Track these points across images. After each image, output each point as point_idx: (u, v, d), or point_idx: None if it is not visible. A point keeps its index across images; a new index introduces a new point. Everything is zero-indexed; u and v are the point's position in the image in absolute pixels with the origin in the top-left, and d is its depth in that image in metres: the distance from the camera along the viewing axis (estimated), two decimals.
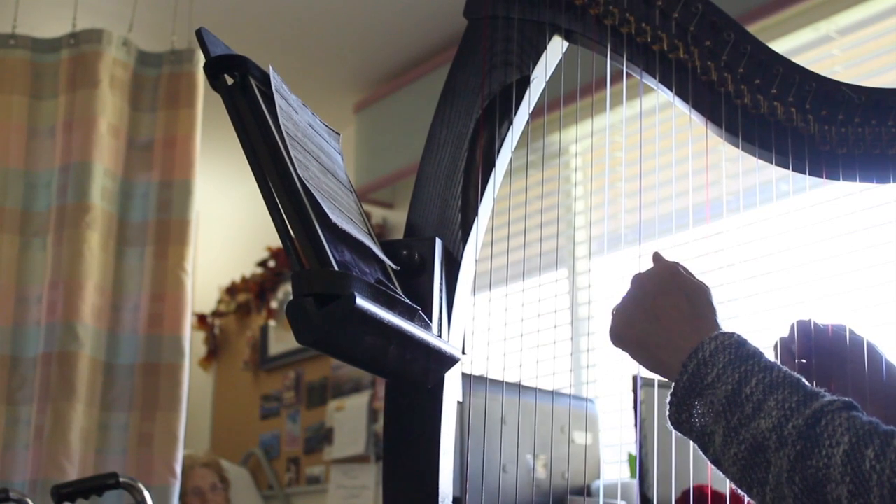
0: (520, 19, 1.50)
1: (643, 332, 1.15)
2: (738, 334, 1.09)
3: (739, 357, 1.05)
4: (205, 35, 1.16)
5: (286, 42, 4.44)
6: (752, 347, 1.07)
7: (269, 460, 5.16)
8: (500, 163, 1.48)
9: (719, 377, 1.03)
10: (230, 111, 1.16)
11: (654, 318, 1.14)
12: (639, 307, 1.17)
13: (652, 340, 1.14)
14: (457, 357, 1.33)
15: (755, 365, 1.04)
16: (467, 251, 1.43)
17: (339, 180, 1.30)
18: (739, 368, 1.03)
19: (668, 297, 1.15)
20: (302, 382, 5.10)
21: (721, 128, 1.42)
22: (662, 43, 1.44)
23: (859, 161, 1.37)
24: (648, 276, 1.19)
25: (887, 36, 3.12)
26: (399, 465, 1.36)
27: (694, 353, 1.07)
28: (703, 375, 1.05)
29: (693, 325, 1.11)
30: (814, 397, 0.99)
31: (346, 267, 1.14)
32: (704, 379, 1.04)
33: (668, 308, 1.14)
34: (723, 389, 1.02)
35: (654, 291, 1.16)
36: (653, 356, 1.14)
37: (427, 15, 4.19)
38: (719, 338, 1.08)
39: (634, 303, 1.17)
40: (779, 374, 1.02)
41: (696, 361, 1.06)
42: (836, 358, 1.34)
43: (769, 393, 1.00)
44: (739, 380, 1.02)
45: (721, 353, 1.05)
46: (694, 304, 1.15)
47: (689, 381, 1.05)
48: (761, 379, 1.02)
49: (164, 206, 3.12)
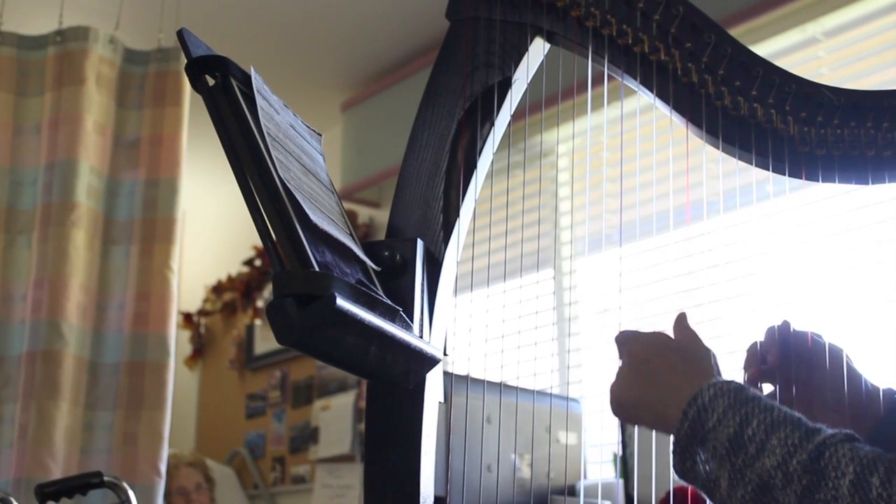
0: (501, 21, 1.51)
1: (641, 393, 1.16)
2: (735, 381, 1.10)
3: (739, 400, 1.05)
4: (186, 35, 1.16)
5: (274, 40, 4.43)
6: (751, 391, 1.07)
7: (254, 460, 5.15)
8: (482, 164, 1.48)
9: (720, 421, 1.04)
10: (211, 112, 1.16)
11: (651, 379, 1.15)
12: (633, 372, 1.18)
13: (651, 399, 1.14)
14: (438, 358, 1.34)
15: (755, 407, 1.04)
16: (449, 252, 1.43)
17: (321, 181, 1.30)
18: (740, 411, 1.04)
19: (662, 358, 1.17)
20: (287, 382, 5.09)
21: (702, 129, 1.42)
22: (643, 45, 1.44)
23: (838, 162, 1.38)
24: (638, 342, 1.20)
25: (874, 38, 3.13)
26: (380, 465, 1.36)
27: (693, 400, 1.07)
28: (703, 421, 1.05)
29: (689, 378, 1.12)
30: (816, 432, 1.00)
31: (326, 268, 1.14)
32: (706, 424, 1.05)
33: (662, 367, 1.16)
34: (725, 433, 1.03)
35: (647, 355, 1.18)
36: (654, 413, 1.14)
37: (415, 14, 4.20)
38: (717, 384, 1.08)
39: (629, 369, 1.18)
40: (779, 414, 1.03)
41: (696, 408, 1.06)
42: (808, 365, 1.35)
43: (771, 432, 1.01)
44: (741, 422, 1.03)
45: (720, 398, 1.06)
46: (688, 360, 1.16)
47: (691, 427, 1.06)
48: (762, 419, 1.02)
49: (150, 204, 3.11)
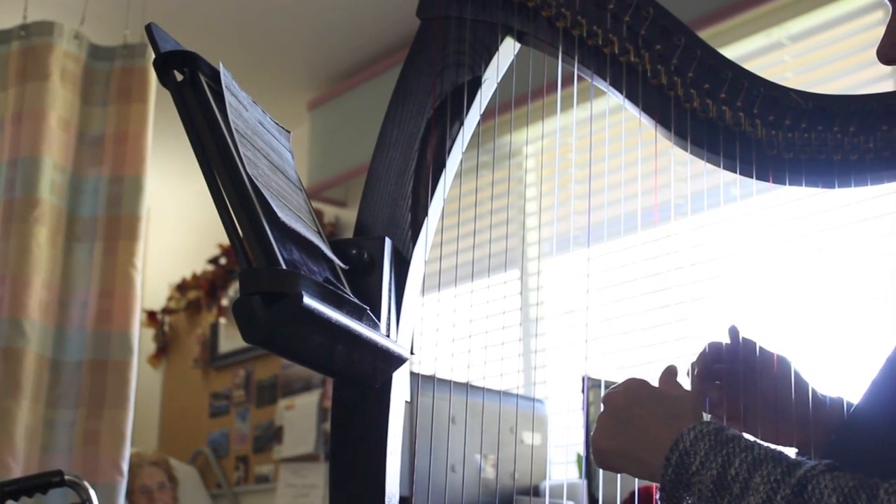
0: (472, 20, 1.50)
1: (623, 441, 1.16)
2: (715, 422, 1.10)
3: (720, 441, 1.06)
4: (154, 30, 1.15)
5: (241, 38, 4.42)
6: (731, 431, 1.08)
7: (217, 459, 5.13)
8: (451, 163, 1.48)
9: (703, 464, 1.04)
10: (179, 108, 1.15)
11: (632, 426, 1.16)
12: (614, 420, 1.18)
13: (633, 446, 1.15)
14: (405, 357, 1.33)
15: (736, 447, 1.05)
16: (417, 251, 1.43)
17: (289, 179, 1.29)
18: (721, 452, 1.04)
19: (641, 405, 1.17)
20: (252, 381, 5.07)
21: (670, 131, 1.43)
22: (613, 46, 1.45)
23: (805, 166, 1.39)
24: (618, 391, 1.21)
25: (838, 43, 3.16)
26: (346, 465, 1.36)
27: (675, 445, 1.08)
28: (687, 465, 1.06)
29: (669, 424, 1.13)
30: (797, 466, 1.00)
31: (294, 265, 1.13)
32: (689, 468, 1.05)
33: (643, 415, 1.16)
34: (708, 475, 1.03)
35: (627, 404, 1.18)
36: (636, 461, 1.14)
37: (383, 13, 4.19)
38: (697, 427, 1.09)
39: (609, 418, 1.19)
40: (760, 451, 1.04)
41: (679, 453, 1.07)
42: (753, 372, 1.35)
43: (754, 470, 1.01)
44: (723, 463, 1.03)
45: (701, 440, 1.06)
46: (667, 407, 1.16)
47: (675, 472, 1.06)
48: (744, 458, 1.03)
49: (115, 201, 3.09)
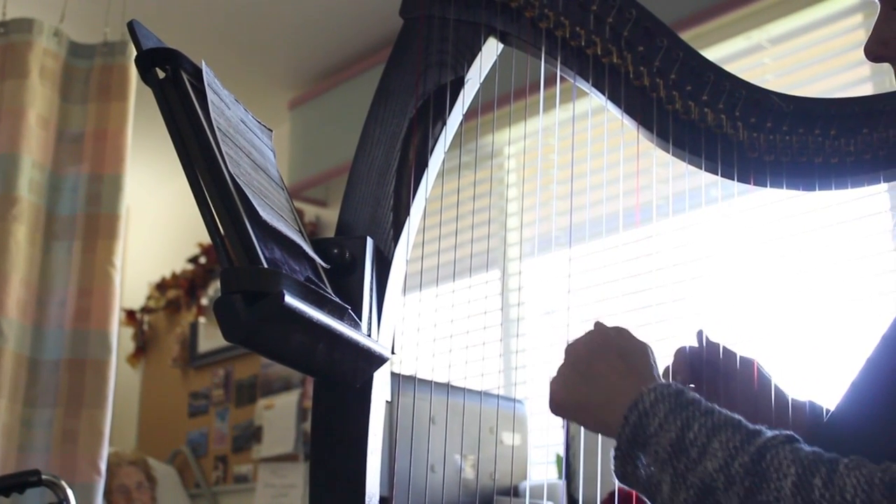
0: (455, 20, 1.50)
1: (582, 395, 1.15)
2: (675, 384, 1.10)
3: (680, 404, 1.05)
4: (137, 27, 1.14)
5: (221, 37, 4.40)
6: (692, 394, 1.07)
7: (196, 458, 5.11)
8: (433, 163, 1.48)
9: (661, 426, 1.04)
10: (161, 105, 1.15)
11: (591, 381, 1.15)
12: (574, 372, 1.17)
13: (592, 401, 1.14)
14: (386, 357, 1.33)
15: (696, 410, 1.04)
16: (398, 251, 1.43)
17: (271, 177, 1.29)
18: (681, 415, 1.04)
19: (603, 359, 1.16)
20: (231, 380, 5.06)
21: (652, 133, 1.43)
22: (596, 47, 1.45)
23: (786, 169, 1.39)
24: (580, 342, 1.20)
25: (817, 46, 3.18)
26: (326, 464, 1.36)
27: (634, 405, 1.07)
28: (645, 426, 1.05)
29: (630, 381, 1.12)
30: (757, 434, 1.00)
31: (275, 264, 1.13)
32: (647, 429, 1.05)
33: (603, 369, 1.15)
34: (666, 437, 1.03)
35: (588, 356, 1.17)
36: (594, 417, 1.14)
37: (364, 13, 4.19)
38: (658, 388, 1.08)
39: (570, 369, 1.18)
40: (720, 417, 1.03)
41: (638, 413, 1.06)
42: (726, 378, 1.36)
43: (713, 435, 1.01)
44: (682, 426, 1.03)
45: (661, 402, 1.06)
46: (628, 362, 1.15)
47: (632, 432, 1.06)
48: (703, 423, 1.02)
49: (94, 199, 3.08)
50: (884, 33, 1.15)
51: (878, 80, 2.99)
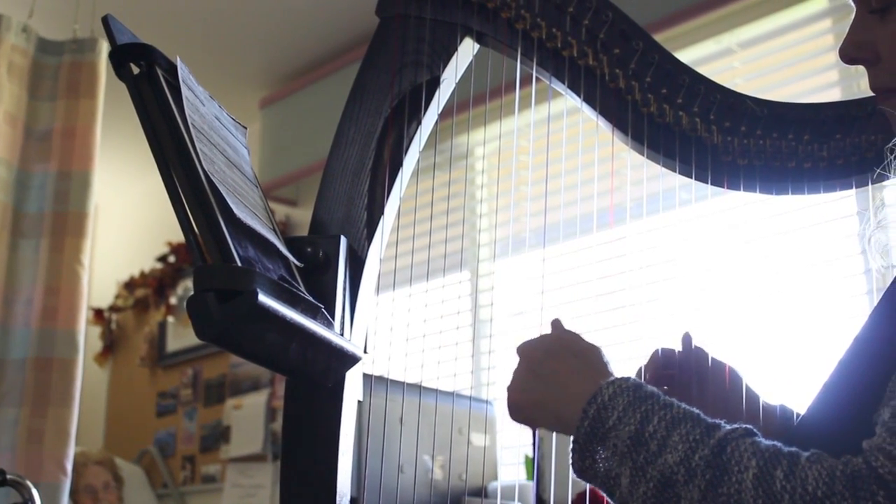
0: (432, 20, 1.50)
1: (539, 394, 1.15)
2: (633, 378, 1.10)
3: (638, 398, 1.05)
4: (111, 22, 1.14)
5: (192, 34, 4.38)
6: (650, 388, 1.07)
7: (164, 458, 5.08)
8: (408, 162, 1.48)
9: (620, 419, 1.04)
10: (135, 101, 1.14)
11: (547, 380, 1.15)
12: (530, 373, 1.17)
13: (549, 399, 1.14)
14: (358, 356, 1.33)
15: (655, 404, 1.04)
16: (372, 250, 1.43)
17: (245, 175, 1.28)
18: (640, 408, 1.04)
19: (557, 359, 1.16)
20: (200, 380, 5.03)
21: (627, 135, 1.44)
22: (572, 49, 1.45)
23: (760, 173, 1.40)
24: (534, 344, 1.20)
25: (787, 50, 3.20)
26: (297, 463, 1.35)
27: (593, 398, 1.07)
28: (604, 419, 1.05)
29: (587, 377, 1.12)
30: (716, 427, 1.00)
31: (249, 263, 1.12)
32: (606, 423, 1.04)
33: (558, 368, 1.15)
34: (626, 430, 1.03)
35: (542, 356, 1.17)
36: (552, 414, 1.14)
37: (335, 13, 4.18)
38: (616, 382, 1.08)
39: (525, 370, 1.18)
40: (679, 410, 1.03)
41: (596, 406, 1.06)
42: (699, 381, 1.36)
43: (672, 428, 1.01)
44: (641, 419, 1.03)
45: (620, 396, 1.06)
46: (584, 360, 1.16)
47: (591, 426, 1.05)
48: (663, 416, 1.02)
49: (62, 197, 3.05)
50: (858, 36, 1.16)
51: (846, 85, 3.01)
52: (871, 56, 1.15)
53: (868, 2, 1.14)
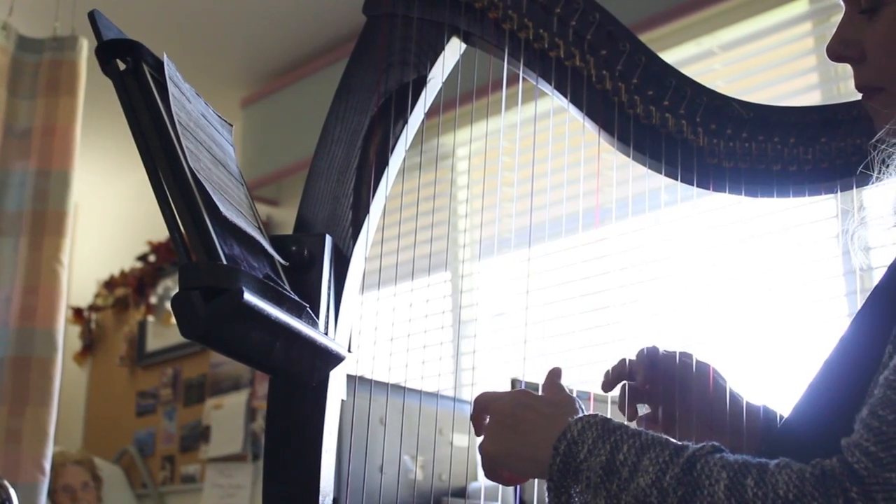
0: (419, 19, 1.50)
1: (511, 442, 1.17)
2: (600, 414, 1.11)
3: (607, 430, 1.07)
4: (98, 18, 1.13)
5: (173, 33, 4.36)
6: (617, 422, 1.09)
7: (143, 458, 5.06)
8: (394, 162, 1.47)
9: (591, 451, 1.05)
10: (121, 97, 1.13)
11: (518, 428, 1.16)
12: (499, 426, 1.18)
13: (521, 446, 1.15)
14: (342, 355, 1.33)
15: (623, 433, 1.06)
16: (357, 249, 1.42)
17: (231, 172, 1.28)
18: (609, 439, 1.05)
19: (528, 408, 1.18)
20: (179, 379, 5.01)
21: (613, 136, 1.44)
22: (559, 50, 1.45)
23: (745, 175, 1.40)
24: (501, 401, 1.21)
25: (767, 53, 3.21)
26: (280, 462, 1.35)
27: (562, 435, 1.09)
28: (575, 453, 1.06)
29: (556, 420, 1.13)
30: (684, 448, 1.02)
31: (234, 261, 1.12)
32: (577, 456, 1.06)
33: (530, 416, 1.17)
34: (597, 461, 1.04)
35: (510, 409, 1.18)
36: (526, 458, 1.15)
37: (317, 12, 4.17)
38: (584, 418, 1.10)
39: (495, 425, 1.19)
40: (647, 437, 1.05)
41: (567, 442, 1.08)
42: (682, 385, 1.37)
43: (642, 454, 1.02)
44: (611, 449, 1.04)
45: (589, 430, 1.08)
46: (553, 406, 1.18)
47: (563, 462, 1.07)
48: (632, 444, 1.04)
49: (41, 196, 3.03)
50: (846, 35, 1.17)
51: (827, 88, 3.03)
52: (858, 54, 1.17)
53: (858, 1, 1.15)
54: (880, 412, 0.92)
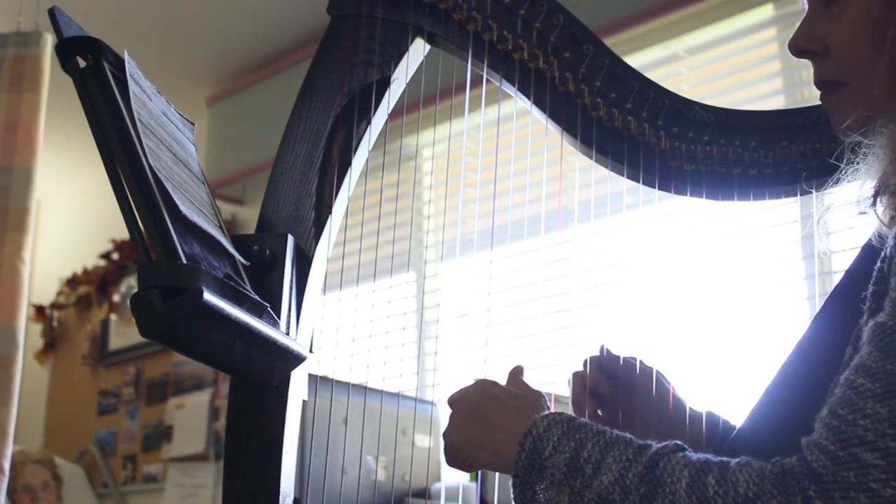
0: (383, 19, 1.50)
1: (476, 433, 1.17)
2: (566, 413, 1.12)
3: (572, 428, 1.07)
4: (58, 14, 1.12)
5: (138, 29, 4.34)
6: (583, 420, 1.10)
7: (104, 458, 5.03)
8: (357, 162, 1.47)
9: (556, 449, 1.06)
10: (81, 95, 1.12)
11: (484, 419, 1.17)
12: (466, 416, 1.19)
13: (486, 438, 1.16)
14: (304, 356, 1.32)
15: (588, 431, 1.07)
16: (319, 249, 1.42)
17: (192, 171, 1.27)
18: (574, 437, 1.06)
19: (493, 400, 1.19)
20: (142, 378, 4.98)
21: (576, 139, 1.44)
22: (523, 51, 1.46)
23: (706, 178, 1.41)
24: (468, 391, 1.22)
25: (733, 58, 3.23)
26: (240, 463, 1.34)
27: (528, 431, 1.09)
28: (540, 451, 1.07)
29: (522, 414, 1.14)
30: (647, 447, 1.03)
31: (194, 260, 1.11)
32: (542, 453, 1.07)
33: (494, 408, 1.18)
34: (561, 458, 1.05)
35: (478, 399, 1.19)
36: (491, 451, 1.16)
37: (283, 10, 4.16)
38: (550, 415, 1.11)
39: (461, 414, 1.20)
40: (611, 435, 1.06)
41: (532, 438, 1.08)
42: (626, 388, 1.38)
43: (606, 452, 1.03)
44: (576, 447, 1.05)
45: (554, 427, 1.08)
46: (519, 400, 1.19)
47: (528, 458, 1.08)
48: (596, 442, 1.04)
49: (3, 192, 3.01)
50: (810, 30, 1.18)
51: (790, 93, 3.05)
52: (821, 49, 1.17)
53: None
54: (840, 411, 0.93)
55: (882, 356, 0.93)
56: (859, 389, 0.93)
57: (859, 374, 0.94)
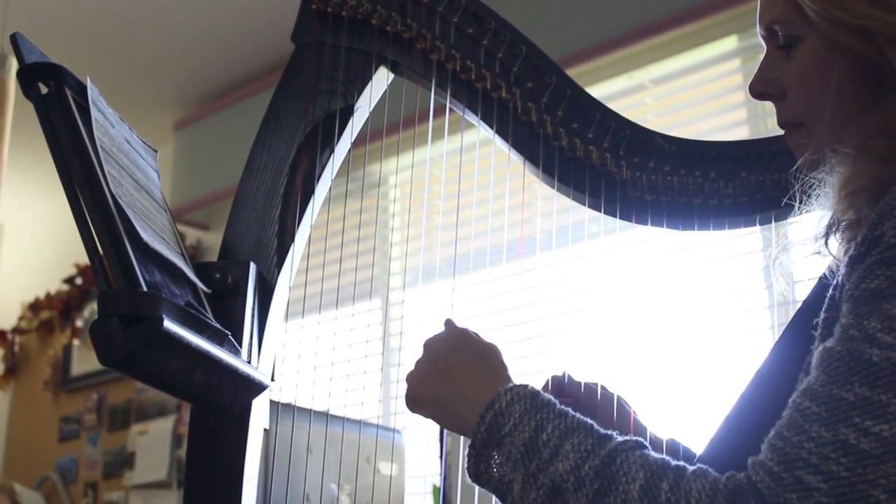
0: (347, 48, 1.51)
1: (439, 391, 1.18)
2: (531, 385, 1.12)
3: (535, 406, 1.07)
4: (20, 40, 1.12)
5: (105, 54, 4.32)
6: (547, 397, 1.10)
7: (65, 485, 4.97)
8: (320, 190, 1.47)
9: (516, 426, 1.06)
10: (42, 121, 1.12)
11: (449, 377, 1.18)
12: (432, 368, 1.20)
13: (448, 398, 1.17)
14: (265, 384, 1.32)
15: (550, 412, 1.07)
16: (282, 277, 1.42)
17: (154, 199, 1.27)
18: (535, 416, 1.06)
19: (461, 357, 1.19)
20: (104, 404, 4.94)
21: (538, 168, 1.45)
22: (486, 81, 1.47)
23: (667, 208, 1.42)
24: (439, 339, 1.23)
25: (697, 88, 3.26)
26: (201, 492, 1.34)
27: (490, 404, 1.09)
28: (500, 426, 1.07)
29: (487, 381, 1.15)
30: (608, 438, 1.03)
31: (155, 288, 1.11)
32: (502, 429, 1.07)
33: (461, 366, 1.18)
34: (520, 437, 1.05)
35: (446, 352, 1.20)
36: (450, 413, 1.16)
37: (251, 37, 4.16)
38: (514, 389, 1.11)
39: (428, 365, 1.21)
40: (573, 420, 1.06)
41: (493, 412, 1.08)
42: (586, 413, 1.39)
43: (565, 437, 1.03)
44: (536, 427, 1.05)
45: (517, 403, 1.08)
46: (486, 362, 1.19)
47: (487, 431, 1.08)
48: (557, 425, 1.04)
49: None
50: (768, 72, 1.20)
51: (754, 124, 3.08)
52: (778, 91, 1.19)
53: (776, 38, 1.18)
54: (785, 433, 0.94)
55: (829, 380, 0.94)
56: (805, 412, 0.94)
57: (806, 397, 0.95)
